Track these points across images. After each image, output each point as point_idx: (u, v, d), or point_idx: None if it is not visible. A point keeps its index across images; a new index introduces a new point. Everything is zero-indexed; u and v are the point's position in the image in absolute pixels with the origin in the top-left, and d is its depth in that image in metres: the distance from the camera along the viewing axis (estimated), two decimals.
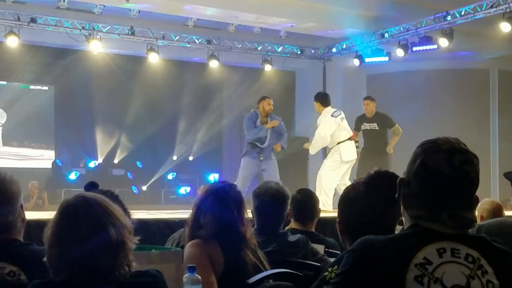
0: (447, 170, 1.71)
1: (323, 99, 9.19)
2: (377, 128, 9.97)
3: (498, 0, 9.53)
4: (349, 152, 8.85)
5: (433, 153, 1.74)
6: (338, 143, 8.83)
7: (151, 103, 13.47)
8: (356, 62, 12.24)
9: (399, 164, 9.38)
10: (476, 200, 1.76)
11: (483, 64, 13.01)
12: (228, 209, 2.97)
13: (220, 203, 2.98)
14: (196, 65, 12.82)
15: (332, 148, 8.88)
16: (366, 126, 10.06)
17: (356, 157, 9.01)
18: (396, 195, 1.81)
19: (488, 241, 1.74)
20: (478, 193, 1.77)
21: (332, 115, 8.92)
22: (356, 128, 10.02)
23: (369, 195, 2.21)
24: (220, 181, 3.25)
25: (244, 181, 8.62)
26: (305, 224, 4.03)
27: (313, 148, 9.02)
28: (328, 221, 5.24)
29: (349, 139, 8.93)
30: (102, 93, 13.17)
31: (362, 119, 10.15)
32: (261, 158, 8.89)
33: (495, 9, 9.60)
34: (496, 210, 4.59)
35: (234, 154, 14.81)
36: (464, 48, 11.98)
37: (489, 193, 11.40)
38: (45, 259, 1.87)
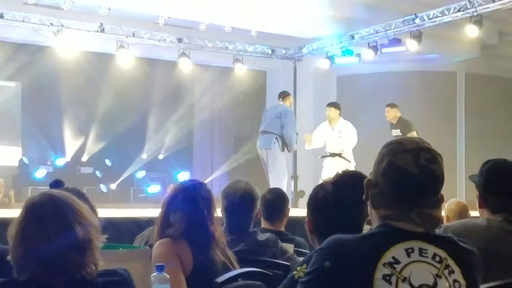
0: (414, 169, 1.72)
1: (340, 107, 9.77)
2: (400, 134, 10.01)
3: (466, 3, 9.67)
4: None
5: (399, 153, 1.75)
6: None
7: (120, 101, 13.35)
8: (326, 63, 12.29)
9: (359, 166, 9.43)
10: (441, 199, 1.77)
11: (451, 66, 13.20)
12: (197, 208, 2.97)
13: (189, 201, 2.97)
14: (166, 63, 12.73)
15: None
16: (394, 132, 10.14)
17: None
18: (364, 195, 1.81)
19: (455, 241, 1.76)
20: (444, 194, 1.79)
21: None
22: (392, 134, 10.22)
23: (337, 194, 2.23)
24: (190, 179, 3.24)
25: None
26: (274, 223, 4.05)
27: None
28: (297, 220, 5.26)
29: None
30: (70, 90, 13.01)
31: (391, 125, 10.25)
32: None
33: (462, 12, 9.74)
34: (462, 211, 4.65)
35: (205, 153, 14.79)
36: (432, 50, 12.14)
37: (455, 194, 11.57)
38: (9, 257, 1.83)
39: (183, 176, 13.33)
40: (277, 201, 4.10)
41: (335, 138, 9.80)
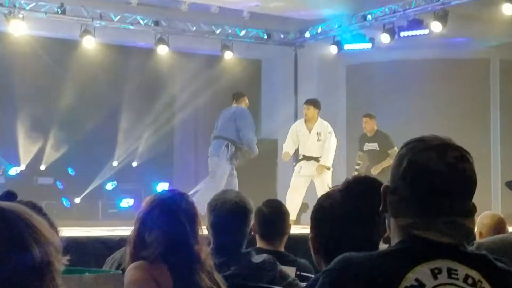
0: (440, 167, 1.72)
1: (320, 106, 10.08)
2: (378, 148, 10.46)
3: None
4: None
5: (421, 151, 1.75)
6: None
7: (86, 97, 13.32)
8: (334, 49, 12.32)
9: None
10: (474, 208, 1.77)
11: (482, 52, 13.22)
12: (178, 224, 2.97)
13: (168, 216, 2.98)
14: (141, 51, 12.72)
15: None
16: (368, 146, 10.61)
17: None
18: (381, 205, 1.81)
19: (491, 260, 1.75)
20: (477, 205, 1.78)
21: None
22: (360, 148, 10.74)
23: (347, 205, 2.22)
24: (169, 190, 3.24)
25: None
26: (272, 242, 4.06)
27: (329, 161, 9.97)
28: (299, 239, 5.26)
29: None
30: (26, 85, 12.96)
31: (363, 138, 10.74)
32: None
33: None
34: (498, 226, 4.65)
35: (187, 159, 14.77)
36: (460, 34, 12.16)
37: (489, 206, 11.57)
38: None
39: (162, 187, 13.30)
40: (275, 216, 4.12)
41: (313, 141, 10.04)
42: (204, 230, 3.16)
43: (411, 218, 1.73)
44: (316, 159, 10.01)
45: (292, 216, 9.12)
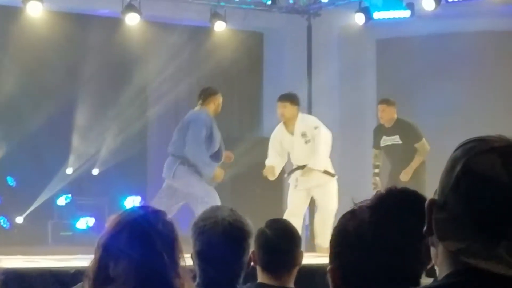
0: (503, 177, 1.71)
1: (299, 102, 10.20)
2: (400, 141, 10.41)
3: None
4: None
5: (480, 154, 1.75)
6: None
7: (31, 83, 13.34)
8: (360, 18, 12.32)
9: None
10: None
11: None
12: (153, 252, 2.96)
13: (140, 242, 2.97)
14: (104, 21, 12.75)
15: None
16: (386, 140, 10.55)
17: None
18: (425, 226, 1.79)
19: None
20: None
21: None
22: (375, 144, 10.79)
23: (378, 227, 2.21)
24: (140, 206, 3.23)
25: None
26: (278, 276, 4.05)
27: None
28: (314, 271, 5.26)
29: None
30: None
31: (379, 131, 10.76)
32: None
33: None
34: None
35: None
36: None
37: None
38: None
39: (132, 202, 13.31)
40: (282, 241, 4.10)
41: (300, 145, 10.15)
42: (187, 260, 3.15)
43: (465, 242, 1.72)
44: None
45: None
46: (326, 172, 10.04)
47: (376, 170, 10.82)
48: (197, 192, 9.61)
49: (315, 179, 10.04)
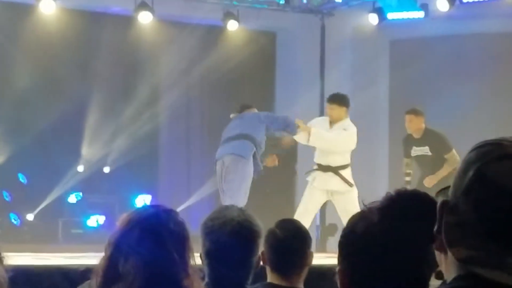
0: None
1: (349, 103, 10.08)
2: (430, 153, 10.46)
3: None
4: None
5: (495, 160, 1.73)
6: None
7: (43, 81, 13.36)
8: (374, 19, 12.31)
9: None
10: None
11: None
12: (163, 250, 2.97)
13: (151, 239, 2.98)
14: (117, 19, 12.76)
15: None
16: (416, 151, 10.61)
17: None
18: (436, 226, 1.78)
19: None
20: None
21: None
22: (405, 154, 10.79)
23: (387, 229, 2.19)
24: (152, 205, 3.23)
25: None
26: (288, 277, 4.04)
27: (316, 138, 9.95)
28: (324, 272, 5.25)
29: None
30: None
31: (409, 141, 10.76)
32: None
33: None
34: None
35: (177, 165, 14.78)
36: None
37: None
38: None
39: (143, 201, 13.32)
40: (292, 241, 4.09)
41: None
42: (196, 259, 3.15)
43: (472, 250, 1.71)
44: (335, 170, 9.95)
45: None
46: (343, 179, 9.96)
47: (407, 179, 10.80)
48: (242, 182, 9.63)
49: (333, 184, 9.98)
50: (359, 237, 2.24)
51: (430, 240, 1.82)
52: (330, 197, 10.12)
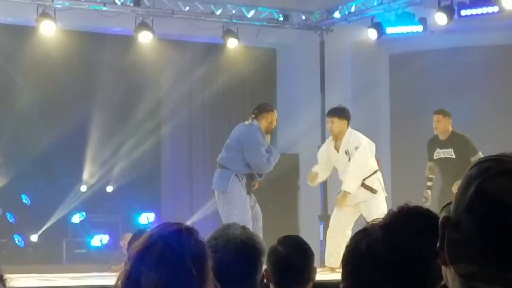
0: None
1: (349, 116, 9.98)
2: (454, 156, 10.20)
3: None
4: None
5: (496, 176, 1.72)
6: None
7: (45, 101, 13.36)
8: (373, 34, 12.31)
9: None
10: None
11: None
12: (183, 269, 2.92)
13: (171, 257, 2.92)
14: (117, 39, 12.78)
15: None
16: (440, 153, 10.37)
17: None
18: (438, 243, 1.78)
19: None
20: None
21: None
22: (430, 157, 10.59)
23: (391, 244, 2.20)
24: (175, 222, 3.18)
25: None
26: None
27: (353, 187, 9.90)
28: (329, 286, 5.24)
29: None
30: None
31: (434, 143, 10.54)
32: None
33: None
34: None
35: (180, 182, 14.75)
36: None
37: None
38: None
39: (146, 219, 13.29)
40: (296, 257, 4.09)
41: (344, 163, 10.01)
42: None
43: (473, 265, 1.70)
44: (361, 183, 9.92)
45: (335, 264, 9.05)
46: (367, 187, 9.87)
47: (429, 183, 10.58)
48: (236, 210, 9.61)
49: (360, 196, 9.89)
50: (362, 254, 2.25)
51: (433, 256, 1.82)
52: (360, 210, 9.98)
